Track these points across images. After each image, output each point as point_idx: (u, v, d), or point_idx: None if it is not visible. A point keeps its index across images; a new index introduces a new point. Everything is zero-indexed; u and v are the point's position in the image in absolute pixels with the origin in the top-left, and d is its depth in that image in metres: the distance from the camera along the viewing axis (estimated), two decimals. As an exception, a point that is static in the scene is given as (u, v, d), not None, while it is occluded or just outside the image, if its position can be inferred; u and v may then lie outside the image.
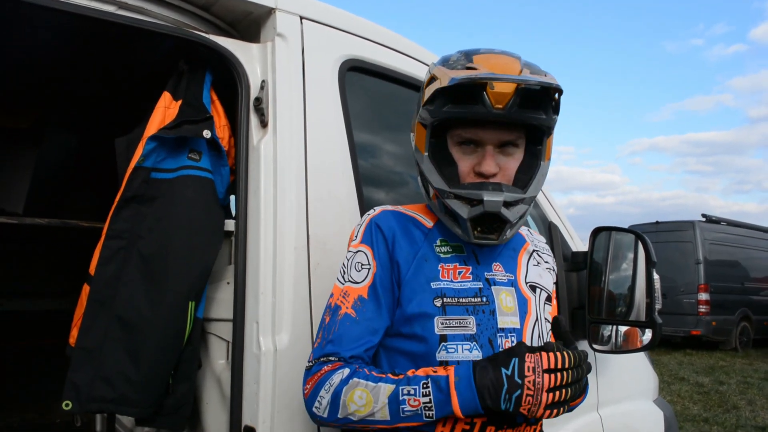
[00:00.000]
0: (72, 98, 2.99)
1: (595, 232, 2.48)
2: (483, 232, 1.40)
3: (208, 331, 1.98)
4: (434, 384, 1.28)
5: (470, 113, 1.35)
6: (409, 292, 1.42)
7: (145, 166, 1.83)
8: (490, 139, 1.40)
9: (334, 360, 1.38)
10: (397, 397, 1.29)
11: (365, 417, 1.31)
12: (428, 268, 1.45)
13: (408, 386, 1.30)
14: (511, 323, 1.45)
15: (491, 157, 1.40)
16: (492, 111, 1.32)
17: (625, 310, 2.46)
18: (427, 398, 1.27)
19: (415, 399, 1.28)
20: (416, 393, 1.28)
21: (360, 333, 1.40)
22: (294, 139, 1.82)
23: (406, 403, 1.28)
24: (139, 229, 1.85)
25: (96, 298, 1.82)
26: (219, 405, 1.90)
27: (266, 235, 1.75)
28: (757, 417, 7.56)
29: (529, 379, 1.24)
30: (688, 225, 13.91)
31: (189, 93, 1.89)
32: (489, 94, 1.31)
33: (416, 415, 1.28)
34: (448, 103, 1.37)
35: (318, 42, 1.95)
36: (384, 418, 1.30)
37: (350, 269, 1.46)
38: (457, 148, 1.44)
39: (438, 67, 1.42)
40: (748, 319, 14.46)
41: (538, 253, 1.65)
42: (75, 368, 1.78)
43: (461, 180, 1.43)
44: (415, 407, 1.27)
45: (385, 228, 1.47)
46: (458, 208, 1.38)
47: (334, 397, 1.33)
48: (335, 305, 1.44)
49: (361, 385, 1.32)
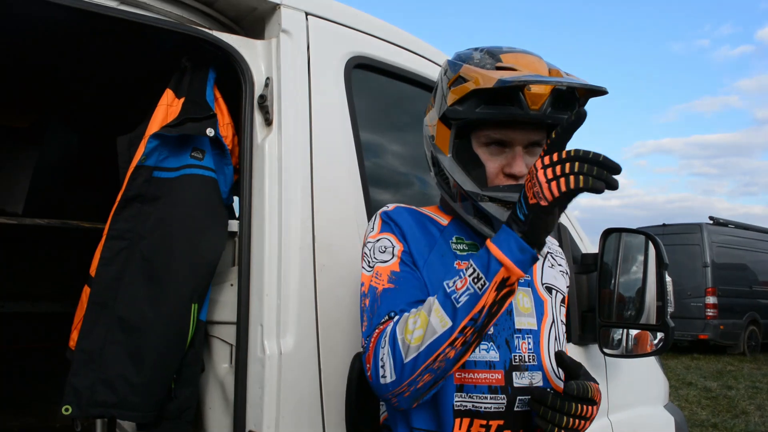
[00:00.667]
0: (73, 96, 2.97)
1: (606, 233, 2.45)
2: None
3: (211, 334, 1.94)
4: (473, 258, 1.23)
5: (506, 114, 1.32)
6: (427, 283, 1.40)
7: (147, 165, 1.80)
8: (520, 140, 1.37)
9: (385, 322, 1.32)
10: (445, 292, 1.22)
11: (427, 339, 1.21)
12: (444, 264, 1.42)
13: (449, 280, 1.24)
14: (528, 324, 1.43)
15: (521, 158, 1.37)
16: (528, 113, 1.30)
17: (635, 313, 2.43)
18: (471, 269, 1.21)
19: (461, 280, 1.21)
20: (460, 276, 1.22)
21: (404, 296, 1.35)
22: (299, 138, 1.79)
23: (455, 290, 1.21)
24: (141, 229, 1.82)
25: (97, 299, 1.79)
26: (222, 409, 1.87)
27: (271, 235, 1.71)
28: (766, 422, 7.50)
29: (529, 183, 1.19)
30: (695, 228, 13.86)
31: (192, 90, 1.86)
32: (526, 95, 1.28)
33: (471, 295, 1.19)
34: (482, 103, 1.34)
35: (324, 39, 1.92)
36: (444, 324, 1.20)
37: (375, 253, 1.42)
38: (484, 149, 1.40)
39: (466, 66, 1.37)
40: (757, 323, 14.39)
41: (552, 255, 1.63)
42: (75, 372, 1.75)
43: (489, 181, 1.39)
44: (464, 287, 1.20)
45: (399, 220, 1.44)
46: (494, 210, 1.36)
47: (393, 341, 1.25)
48: (371, 287, 1.39)
49: (412, 313, 1.26)
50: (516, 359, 1.39)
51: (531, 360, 1.41)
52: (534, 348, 1.42)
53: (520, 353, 1.40)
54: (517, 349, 1.40)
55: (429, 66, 2.21)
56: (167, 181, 1.83)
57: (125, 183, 1.81)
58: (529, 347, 1.41)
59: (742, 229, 14.99)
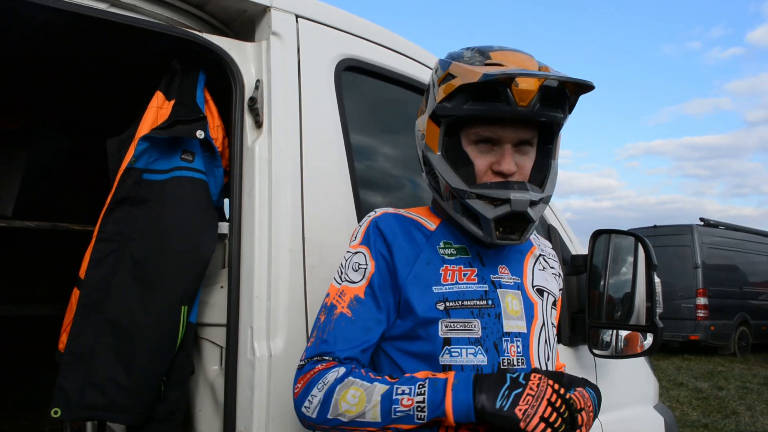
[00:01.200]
0: (63, 99, 2.95)
1: (595, 235, 2.46)
2: (505, 232, 1.38)
3: (201, 336, 1.94)
4: (431, 384, 1.25)
5: (493, 111, 1.33)
6: (410, 295, 1.39)
7: (137, 167, 1.80)
8: (509, 138, 1.37)
9: (328, 359, 1.35)
10: (391, 396, 1.25)
11: (355, 418, 1.27)
12: (431, 271, 1.42)
13: (404, 386, 1.26)
14: (517, 327, 1.42)
15: (510, 156, 1.37)
16: (516, 109, 1.30)
17: (625, 314, 2.44)
18: (421, 398, 1.23)
19: (409, 398, 1.24)
20: (411, 393, 1.25)
21: (356, 333, 1.37)
22: (289, 140, 1.79)
23: (399, 402, 1.24)
24: (131, 231, 1.81)
25: (86, 302, 1.79)
26: (212, 412, 1.86)
27: (261, 237, 1.71)
28: (756, 422, 7.54)
29: (534, 382, 1.22)
30: (686, 229, 13.91)
31: (182, 92, 1.86)
32: (514, 91, 1.28)
33: (408, 416, 1.24)
34: (470, 100, 1.34)
35: (314, 41, 1.92)
36: (374, 418, 1.26)
37: (348, 269, 1.43)
38: (473, 146, 1.40)
39: (455, 64, 1.37)
40: (747, 324, 14.46)
41: (544, 258, 1.63)
42: (64, 374, 1.74)
43: (477, 179, 1.39)
44: (408, 407, 1.23)
45: (385, 229, 1.44)
46: (481, 208, 1.35)
47: (327, 396, 1.29)
48: (331, 304, 1.41)
49: (356, 384, 1.29)
50: (504, 363, 1.38)
51: (520, 363, 1.40)
52: (523, 351, 1.41)
53: (509, 357, 1.39)
54: (506, 352, 1.38)
55: (419, 68, 2.22)
56: (157, 183, 1.82)
57: (115, 185, 1.81)
58: (518, 350, 1.40)
59: (733, 230, 15.06)
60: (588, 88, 1.35)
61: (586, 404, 1.29)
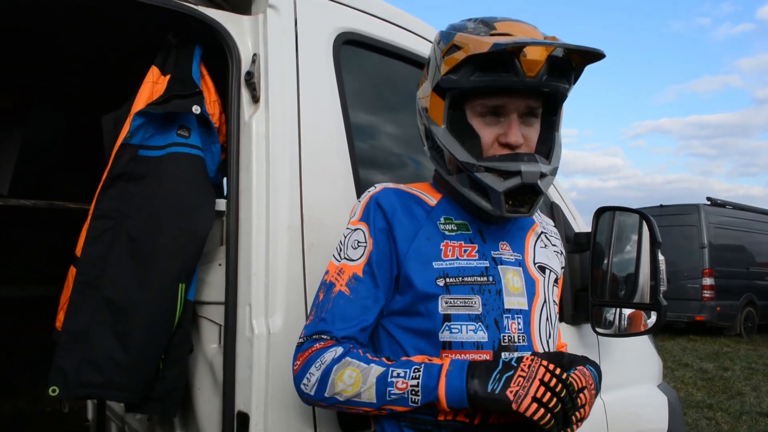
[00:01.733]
0: (57, 75, 2.93)
1: (599, 212, 2.43)
2: (514, 204, 1.36)
3: (199, 314, 1.93)
4: (426, 369, 1.26)
5: (502, 82, 1.31)
6: (410, 271, 1.38)
7: (133, 143, 1.78)
8: (516, 108, 1.35)
9: (326, 338, 1.36)
10: (386, 378, 1.26)
11: (351, 397, 1.29)
12: (430, 246, 1.40)
13: (399, 369, 1.27)
14: (518, 304, 1.41)
15: (517, 127, 1.35)
16: (525, 79, 1.28)
17: (629, 292, 2.42)
18: (416, 382, 1.24)
19: (404, 381, 1.25)
20: (406, 376, 1.25)
21: (354, 312, 1.37)
22: (287, 115, 1.76)
23: (394, 385, 1.25)
24: (127, 208, 1.80)
25: (83, 279, 1.78)
26: (211, 390, 1.86)
27: (259, 214, 1.69)
28: (762, 403, 7.54)
29: (526, 364, 1.22)
30: (693, 209, 13.83)
31: (178, 67, 1.83)
32: (522, 61, 1.26)
33: (402, 398, 1.25)
34: (477, 71, 1.31)
35: (311, 14, 1.88)
36: (370, 399, 1.27)
37: (347, 247, 1.43)
38: (479, 118, 1.38)
39: (460, 35, 1.35)
40: (753, 305, 14.42)
41: (546, 235, 1.61)
42: (62, 353, 1.74)
43: (484, 152, 1.38)
44: (402, 390, 1.25)
45: (385, 205, 1.42)
46: (491, 181, 1.34)
47: (324, 375, 1.31)
48: (330, 282, 1.42)
49: (353, 364, 1.30)
50: (505, 339, 1.37)
51: (521, 340, 1.39)
52: (524, 328, 1.40)
53: (510, 333, 1.38)
54: (507, 329, 1.38)
55: (420, 42, 2.18)
56: (153, 159, 1.81)
57: (110, 161, 1.79)
58: (519, 327, 1.39)
59: (740, 210, 14.97)
60: (597, 57, 1.32)
61: (588, 383, 1.29)
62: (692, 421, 6.62)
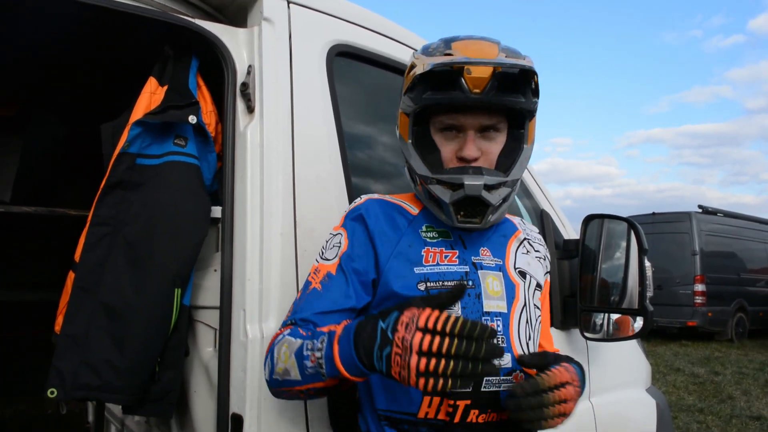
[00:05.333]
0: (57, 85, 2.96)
1: (587, 219, 2.47)
2: (466, 215, 1.42)
3: (195, 318, 1.96)
4: (328, 337, 1.21)
5: (449, 99, 1.37)
6: (391, 276, 1.42)
7: (130, 152, 1.82)
8: (470, 124, 1.41)
9: (286, 325, 1.40)
10: (302, 352, 1.24)
11: (284, 376, 1.29)
12: (412, 253, 1.45)
13: (311, 340, 1.24)
14: (497, 307, 1.45)
15: (472, 142, 1.41)
16: (470, 96, 1.34)
17: (617, 298, 2.46)
18: (320, 353, 1.20)
19: (314, 354, 1.21)
20: (314, 347, 1.22)
21: (318, 302, 1.41)
22: (281, 125, 1.81)
23: (309, 359, 1.22)
24: (125, 215, 1.83)
25: (81, 284, 1.81)
26: (206, 393, 1.89)
27: (253, 221, 1.73)
28: (752, 407, 7.59)
29: (399, 335, 1.08)
30: (685, 216, 13.93)
31: (175, 78, 1.87)
32: (466, 79, 1.32)
33: (317, 373, 1.21)
34: (428, 89, 1.38)
35: (305, 27, 1.93)
36: (296, 377, 1.26)
37: (326, 249, 1.49)
38: (439, 134, 1.45)
39: (418, 55, 1.44)
40: (744, 310, 14.52)
41: (529, 241, 1.65)
42: (60, 356, 1.77)
43: (444, 166, 1.44)
44: (314, 363, 1.21)
45: (367, 214, 1.48)
46: (441, 193, 1.40)
47: (271, 355, 1.34)
48: (307, 282, 1.47)
49: (287, 341, 1.30)
50: None
51: (500, 342, 1.42)
52: (503, 330, 1.44)
53: None
54: None
55: (411, 54, 2.22)
56: (150, 167, 1.84)
57: (108, 170, 1.82)
58: (498, 330, 1.43)
59: (731, 217, 15.07)
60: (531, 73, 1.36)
61: (572, 378, 1.33)
62: (683, 425, 6.66)
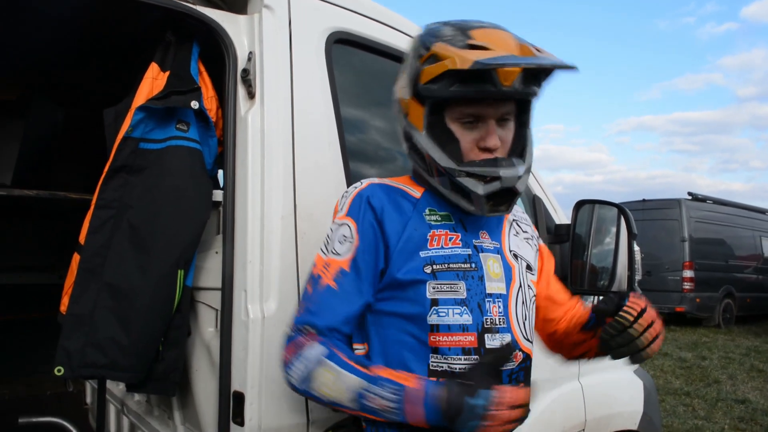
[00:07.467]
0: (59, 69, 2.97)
1: (578, 205, 2.51)
2: (495, 204, 1.44)
3: (197, 299, 2.00)
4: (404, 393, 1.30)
5: (481, 92, 1.36)
6: (400, 261, 1.44)
7: (134, 136, 1.85)
8: (493, 114, 1.42)
9: (311, 330, 1.40)
10: (360, 393, 1.32)
11: (333, 401, 1.35)
12: (418, 236, 1.46)
13: (375, 387, 1.32)
14: (497, 289, 1.49)
15: (494, 132, 1.42)
16: (501, 89, 1.34)
17: (606, 282, 2.51)
18: (394, 404, 1.30)
19: (380, 401, 1.30)
20: (379, 395, 1.31)
21: (339, 305, 1.41)
22: (281, 110, 1.84)
23: (373, 402, 1.30)
24: (129, 198, 1.87)
25: (86, 266, 1.85)
26: (208, 371, 1.94)
27: (254, 204, 1.77)
28: (737, 391, 7.73)
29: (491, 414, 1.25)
30: (674, 203, 14.03)
31: (176, 64, 1.89)
32: (499, 73, 1.32)
33: (379, 413, 1.31)
34: (456, 82, 1.37)
35: (305, 14, 1.96)
36: (350, 406, 1.34)
37: (334, 241, 1.46)
38: (457, 124, 1.44)
39: (439, 44, 1.39)
40: (732, 296, 14.67)
41: (517, 222, 1.69)
42: (66, 335, 1.81)
43: (464, 156, 1.44)
44: (382, 408, 1.31)
45: (373, 201, 1.47)
46: (472, 185, 1.40)
47: (307, 374, 1.36)
48: (317, 275, 1.45)
49: (333, 370, 1.34)
50: (488, 322, 1.45)
51: (501, 323, 1.47)
52: (503, 311, 1.48)
53: (491, 316, 1.46)
54: (489, 312, 1.45)
55: (408, 41, 2.25)
56: (153, 152, 1.87)
57: (112, 154, 1.86)
58: (499, 310, 1.47)
59: (720, 204, 15.20)
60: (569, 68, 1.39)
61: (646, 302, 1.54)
62: (670, 408, 6.78)
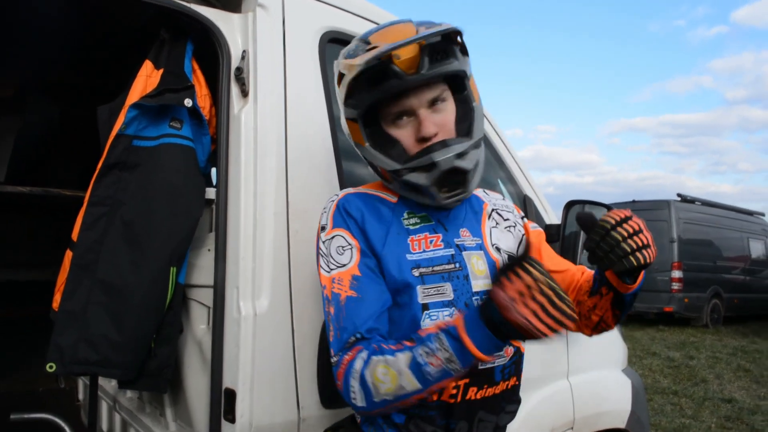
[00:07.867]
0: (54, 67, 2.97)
1: (569, 205, 2.53)
2: (450, 190, 1.42)
3: (189, 297, 2.01)
4: (447, 335, 1.22)
5: (390, 89, 1.37)
6: (388, 266, 1.43)
7: (127, 133, 1.85)
8: (417, 104, 1.41)
9: (352, 343, 1.34)
10: (417, 361, 1.23)
11: (397, 393, 1.26)
12: (401, 241, 1.46)
13: (422, 347, 1.23)
14: (484, 286, 1.49)
15: (426, 119, 1.41)
16: (407, 78, 1.34)
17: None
18: (446, 352, 1.21)
19: (435, 357, 1.21)
20: (431, 351, 1.22)
21: (365, 308, 1.37)
22: (274, 109, 1.85)
23: (428, 364, 1.22)
24: (122, 195, 1.88)
25: (79, 262, 1.85)
26: (200, 368, 1.94)
27: (246, 202, 1.77)
28: (724, 390, 7.78)
29: None
30: (664, 204, 14.10)
31: (170, 62, 1.90)
32: (397, 64, 1.33)
33: (444, 372, 1.22)
34: (366, 89, 1.38)
35: (298, 13, 1.97)
36: (414, 387, 1.24)
37: (332, 255, 1.43)
38: (392, 126, 1.45)
39: (342, 62, 1.42)
40: (720, 297, 14.77)
41: (497, 211, 1.67)
42: (59, 331, 1.81)
43: (409, 153, 1.44)
44: (438, 366, 1.21)
45: (353, 210, 1.47)
46: (417, 179, 1.40)
47: (363, 382, 1.28)
48: (333, 294, 1.40)
49: (380, 362, 1.27)
50: None
51: None
52: None
53: None
54: None
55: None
56: (146, 149, 1.88)
57: (106, 151, 1.86)
58: None
59: (709, 206, 15.30)
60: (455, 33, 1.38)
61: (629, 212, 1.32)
62: (658, 407, 6.83)
